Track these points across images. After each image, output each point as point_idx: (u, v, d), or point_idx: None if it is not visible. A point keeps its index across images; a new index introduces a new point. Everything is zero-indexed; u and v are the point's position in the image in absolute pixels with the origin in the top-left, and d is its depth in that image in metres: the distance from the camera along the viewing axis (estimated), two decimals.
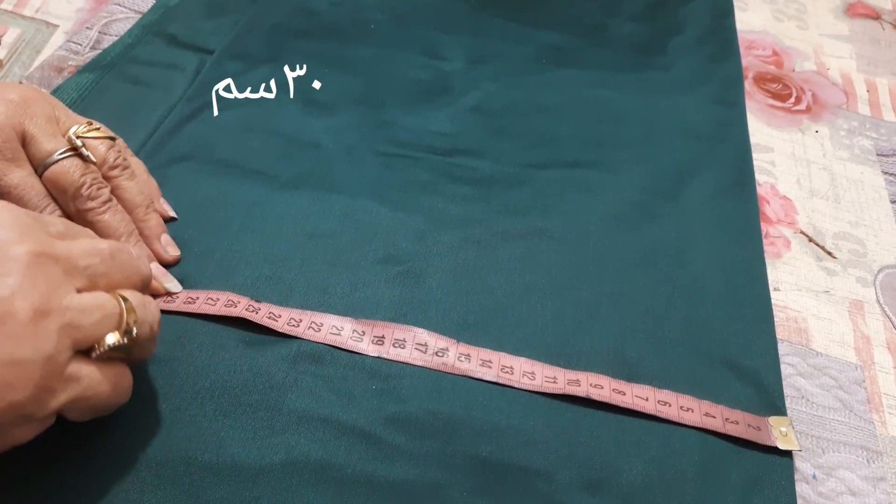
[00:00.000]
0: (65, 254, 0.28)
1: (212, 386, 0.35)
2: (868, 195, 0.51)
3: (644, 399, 0.37)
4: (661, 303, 0.41)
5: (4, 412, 0.25)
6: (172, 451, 0.33)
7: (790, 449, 0.35)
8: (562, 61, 0.58)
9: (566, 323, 0.40)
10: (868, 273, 0.46)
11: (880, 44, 0.66)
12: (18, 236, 0.27)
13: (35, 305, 0.26)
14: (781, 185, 0.51)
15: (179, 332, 0.37)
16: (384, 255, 0.42)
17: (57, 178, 0.36)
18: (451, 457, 0.34)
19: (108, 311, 0.28)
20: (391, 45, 0.57)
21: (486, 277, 0.42)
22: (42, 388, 0.26)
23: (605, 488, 0.34)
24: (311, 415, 0.35)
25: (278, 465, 0.33)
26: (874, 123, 0.57)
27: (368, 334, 0.38)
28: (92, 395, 0.28)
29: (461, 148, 0.49)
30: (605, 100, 0.54)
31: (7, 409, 0.25)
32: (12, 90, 0.37)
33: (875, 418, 0.39)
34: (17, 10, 0.58)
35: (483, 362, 0.37)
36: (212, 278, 0.39)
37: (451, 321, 0.39)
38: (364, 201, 0.45)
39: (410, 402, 0.36)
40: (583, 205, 0.46)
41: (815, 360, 0.41)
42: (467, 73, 0.55)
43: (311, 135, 0.49)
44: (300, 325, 0.38)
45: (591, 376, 0.37)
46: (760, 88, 0.59)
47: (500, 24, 0.60)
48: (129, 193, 0.40)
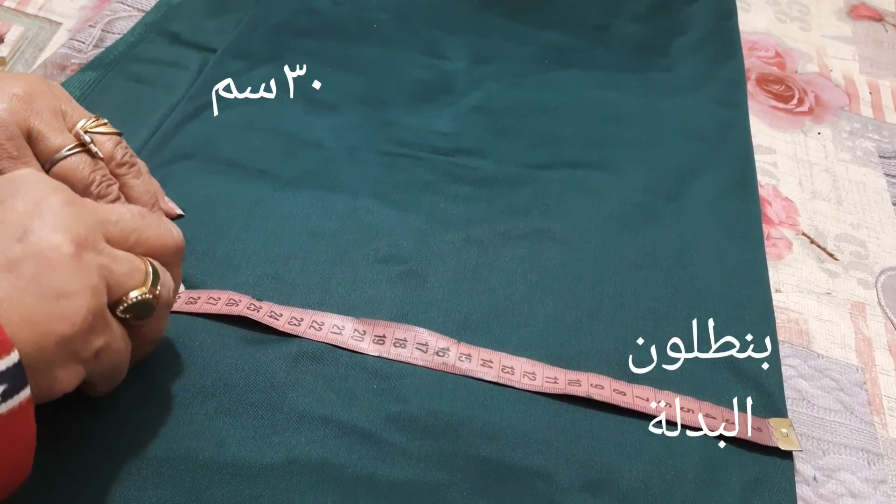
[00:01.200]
0: (95, 206, 0.29)
1: (213, 384, 0.35)
2: (870, 197, 0.51)
3: (644, 399, 0.37)
4: (662, 303, 0.41)
5: (54, 348, 0.26)
6: (173, 449, 0.33)
7: (791, 450, 0.35)
8: (564, 61, 0.58)
9: (567, 323, 0.40)
10: (869, 275, 0.46)
11: (883, 46, 0.66)
12: (51, 190, 0.28)
13: (76, 240, 0.26)
14: (783, 186, 0.51)
15: (181, 331, 0.37)
16: (386, 255, 0.42)
17: (66, 175, 0.36)
18: (451, 457, 0.34)
19: (136, 266, 0.29)
20: (394, 44, 0.57)
21: (487, 277, 0.42)
22: (88, 323, 0.26)
23: (606, 489, 0.34)
24: (311, 414, 0.35)
25: (279, 464, 0.33)
26: (876, 125, 0.57)
27: (369, 334, 0.38)
28: (117, 349, 0.29)
29: (463, 148, 0.49)
30: (608, 100, 0.54)
31: (57, 344, 0.26)
32: (17, 83, 0.36)
33: (876, 420, 0.39)
34: (20, 7, 0.58)
35: (484, 362, 0.37)
36: (213, 277, 0.40)
37: (453, 321, 0.39)
38: (366, 201, 0.45)
39: (411, 402, 0.36)
40: (584, 205, 0.46)
41: (816, 362, 0.41)
42: (470, 72, 0.55)
43: (313, 134, 0.49)
44: (301, 324, 0.38)
45: (591, 377, 0.37)
46: (763, 90, 0.59)
47: (502, 24, 0.60)
48: (135, 192, 0.40)
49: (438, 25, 0.59)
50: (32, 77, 0.37)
